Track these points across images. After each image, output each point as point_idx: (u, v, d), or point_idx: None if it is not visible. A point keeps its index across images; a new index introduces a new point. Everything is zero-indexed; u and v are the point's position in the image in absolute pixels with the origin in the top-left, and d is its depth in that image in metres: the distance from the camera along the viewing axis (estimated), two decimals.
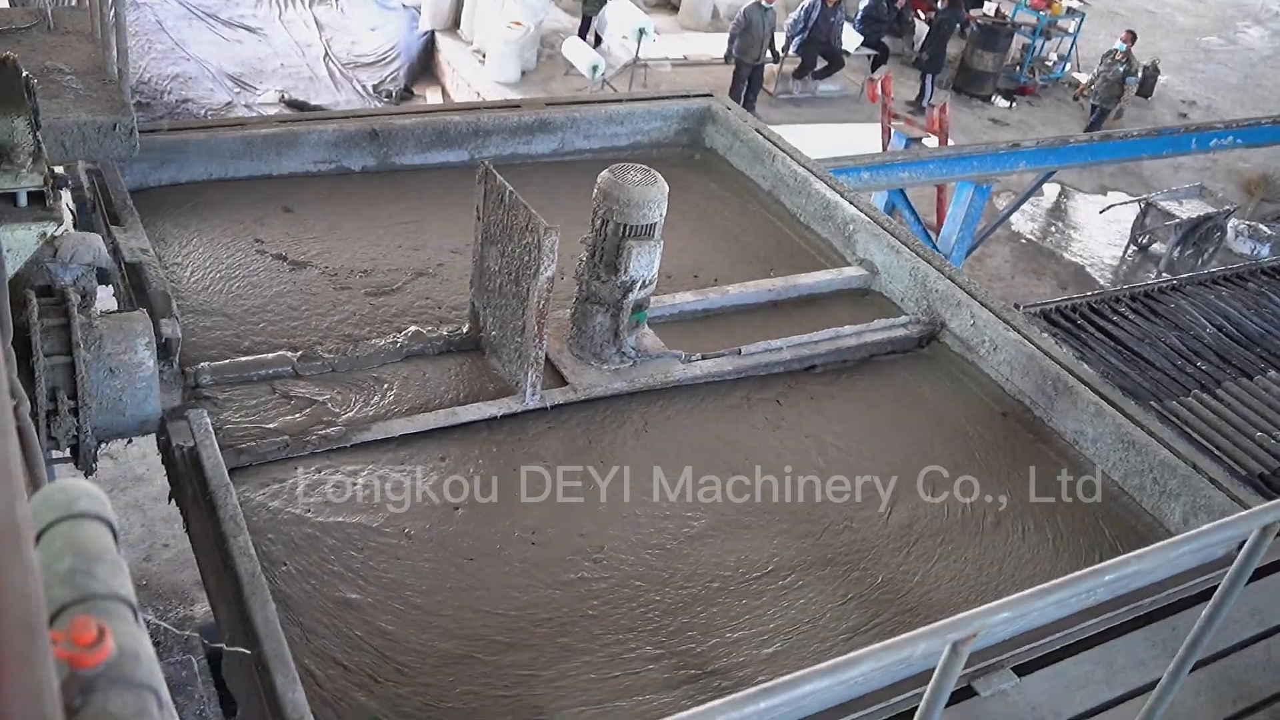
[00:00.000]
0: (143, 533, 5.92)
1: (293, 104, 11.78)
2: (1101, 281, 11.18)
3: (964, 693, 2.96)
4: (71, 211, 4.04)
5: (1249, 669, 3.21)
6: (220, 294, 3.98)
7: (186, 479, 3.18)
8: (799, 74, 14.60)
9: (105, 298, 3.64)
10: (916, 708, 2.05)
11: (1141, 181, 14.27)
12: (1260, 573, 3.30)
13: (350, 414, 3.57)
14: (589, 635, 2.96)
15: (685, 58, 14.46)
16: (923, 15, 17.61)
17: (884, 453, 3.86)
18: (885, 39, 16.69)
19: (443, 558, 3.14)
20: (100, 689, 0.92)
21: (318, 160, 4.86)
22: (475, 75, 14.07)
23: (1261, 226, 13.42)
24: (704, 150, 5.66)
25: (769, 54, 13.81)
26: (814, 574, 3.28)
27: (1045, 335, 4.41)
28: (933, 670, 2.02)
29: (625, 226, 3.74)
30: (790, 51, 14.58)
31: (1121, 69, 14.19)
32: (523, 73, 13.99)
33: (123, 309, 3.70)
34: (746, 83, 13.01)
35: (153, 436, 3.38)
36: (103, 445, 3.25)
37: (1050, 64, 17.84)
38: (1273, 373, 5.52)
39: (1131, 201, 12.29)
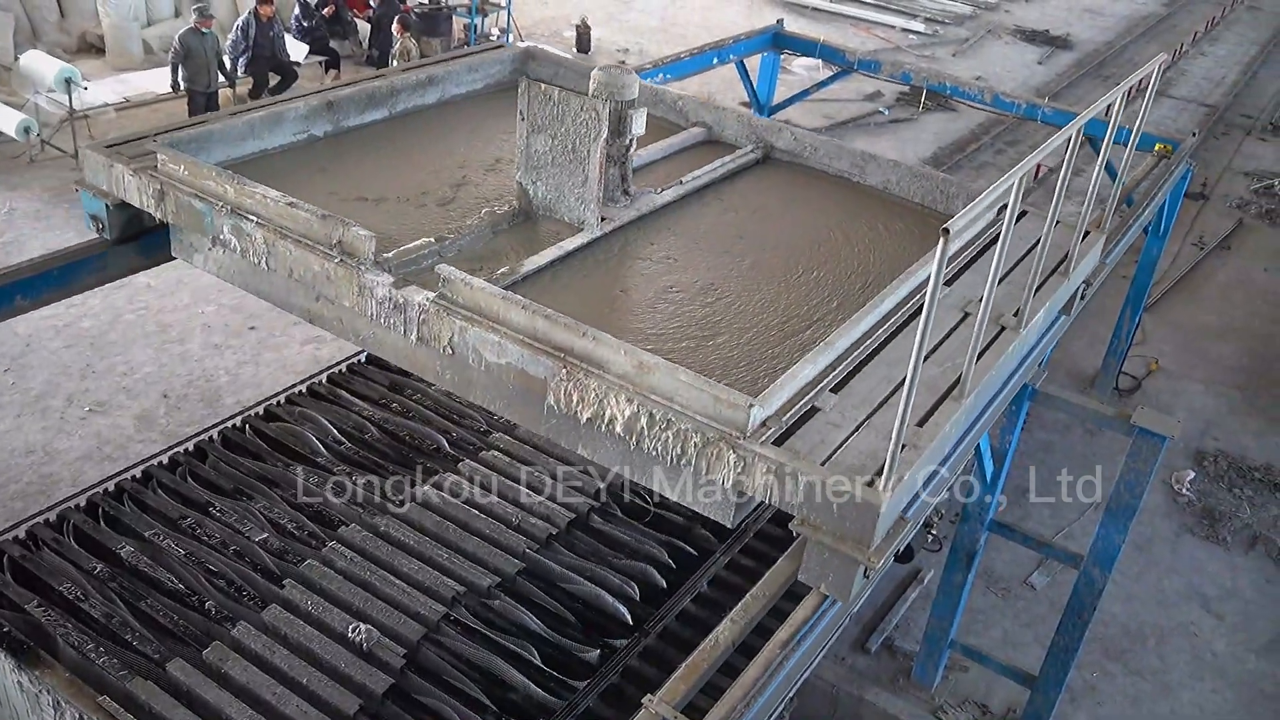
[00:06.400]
0: None
1: None
2: None
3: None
4: None
5: None
6: None
7: (453, 309, 4.46)
8: (254, 94, 14.20)
9: None
10: None
11: None
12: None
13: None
14: (739, 321, 4.83)
15: (127, 100, 13.77)
16: (360, 14, 18.12)
17: (803, 211, 6.01)
18: (333, 43, 16.86)
19: (643, 309, 4.84)
20: None
21: (296, 132, 6.02)
22: None
23: None
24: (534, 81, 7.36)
25: (220, 78, 13.55)
26: (828, 268, 5.39)
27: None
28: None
29: (622, 102, 5.49)
30: (240, 72, 14.32)
31: None
32: None
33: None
34: (204, 111, 12.34)
35: None
36: None
37: (494, 37, 19.01)
38: None
39: None
